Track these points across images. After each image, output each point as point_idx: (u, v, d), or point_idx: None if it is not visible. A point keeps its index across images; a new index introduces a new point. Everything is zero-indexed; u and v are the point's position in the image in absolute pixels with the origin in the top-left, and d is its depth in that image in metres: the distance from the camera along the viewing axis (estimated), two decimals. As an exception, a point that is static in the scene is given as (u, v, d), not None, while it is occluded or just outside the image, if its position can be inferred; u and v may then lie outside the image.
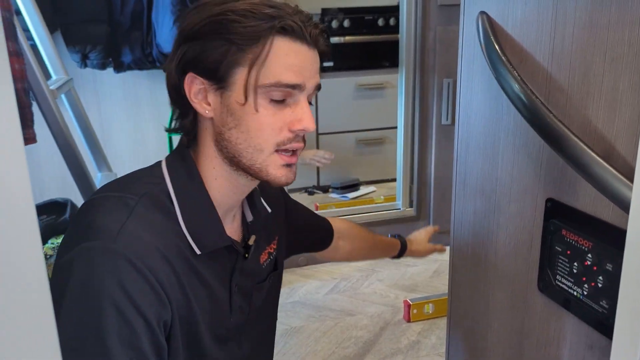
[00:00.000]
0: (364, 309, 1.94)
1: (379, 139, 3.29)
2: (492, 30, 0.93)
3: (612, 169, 0.69)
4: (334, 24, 3.05)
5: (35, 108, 1.09)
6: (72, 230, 0.73)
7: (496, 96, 0.96)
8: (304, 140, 0.76)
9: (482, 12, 0.97)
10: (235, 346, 0.85)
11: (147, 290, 0.66)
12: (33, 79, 1.09)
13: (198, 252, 0.74)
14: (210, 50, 0.71)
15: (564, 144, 0.75)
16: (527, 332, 0.96)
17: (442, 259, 2.19)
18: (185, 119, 0.77)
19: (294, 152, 0.75)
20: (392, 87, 3.04)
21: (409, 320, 1.86)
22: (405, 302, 1.89)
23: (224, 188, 0.78)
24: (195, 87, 0.73)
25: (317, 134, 3.23)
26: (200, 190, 0.76)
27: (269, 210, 0.92)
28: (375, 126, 3.28)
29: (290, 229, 1.05)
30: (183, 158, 0.77)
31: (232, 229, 0.83)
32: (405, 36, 2.20)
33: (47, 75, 1.40)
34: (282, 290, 2.18)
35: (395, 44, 2.32)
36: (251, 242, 0.85)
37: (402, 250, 1.39)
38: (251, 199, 0.87)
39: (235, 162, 0.74)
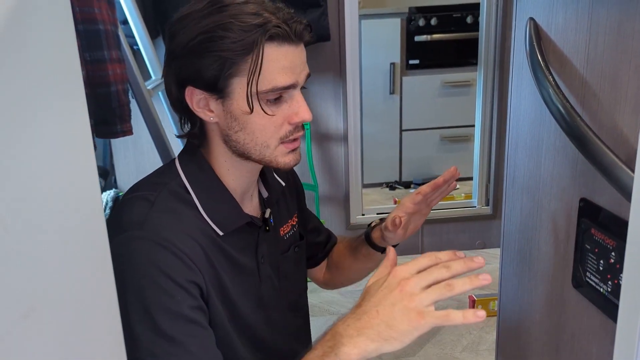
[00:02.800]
0: (430, 301, 2.00)
1: (464, 137, 3.28)
2: (536, 36, 0.97)
3: (630, 171, 0.72)
4: (421, 22, 3.09)
5: (134, 105, 1.29)
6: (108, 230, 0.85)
7: (540, 99, 1.00)
8: (303, 128, 0.84)
9: (531, 18, 1.01)
10: (272, 313, 0.94)
11: (175, 260, 0.75)
12: (133, 80, 1.28)
13: (221, 233, 0.83)
14: (205, 66, 0.75)
15: (589, 147, 0.79)
16: (563, 326, 1.00)
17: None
18: (194, 125, 0.84)
19: (296, 139, 0.83)
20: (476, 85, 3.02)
21: (473, 316, 1.89)
22: (470, 297, 1.92)
23: (237, 176, 0.86)
24: (196, 98, 0.79)
25: (401, 130, 3.29)
26: (213, 180, 0.84)
27: (283, 184, 1.00)
28: (460, 123, 3.27)
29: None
30: (193, 154, 0.85)
31: (252, 206, 0.91)
32: (485, 34, 2.21)
33: (148, 76, 1.62)
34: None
35: (482, 42, 2.33)
36: (267, 215, 0.92)
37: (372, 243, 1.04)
38: (263, 176, 0.95)
39: (245, 156, 0.83)
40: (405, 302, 0.66)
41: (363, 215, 2.42)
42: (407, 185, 3.34)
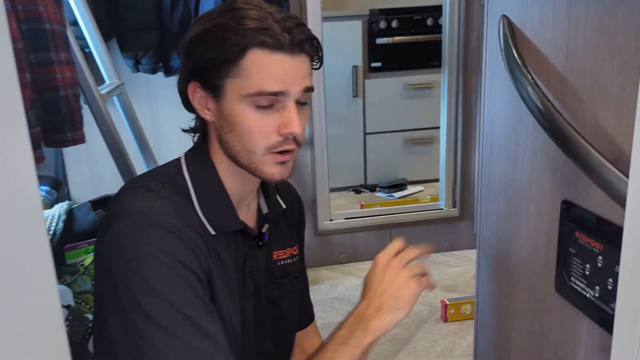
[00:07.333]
0: (401, 307, 1.96)
1: (427, 139, 3.28)
2: (511, 34, 0.94)
3: (618, 172, 0.69)
4: (382, 24, 3.07)
5: (86, 111, 1.20)
6: (106, 219, 0.81)
7: (517, 98, 0.97)
8: (297, 143, 0.80)
9: (504, 16, 0.98)
10: (252, 335, 0.89)
11: (184, 247, 0.74)
12: (85, 84, 1.19)
13: (213, 232, 0.81)
14: (202, 63, 0.78)
15: (573, 146, 0.76)
16: (546, 332, 0.97)
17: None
18: (196, 120, 0.87)
19: (287, 152, 0.80)
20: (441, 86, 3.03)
21: (445, 320, 1.87)
22: (442, 302, 1.90)
23: (233, 180, 0.84)
24: (197, 95, 0.82)
25: (365, 134, 3.26)
26: (213, 178, 0.83)
27: (284, 206, 0.97)
28: (423, 126, 3.27)
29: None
30: (199, 150, 0.86)
31: (247, 217, 0.88)
32: (448, 36, 2.20)
33: (101, 80, 1.52)
34: (322, 286, 2.23)
35: (444, 44, 2.32)
36: (264, 229, 0.90)
37: None
38: (267, 193, 0.93)
39: (235, 160, 0.81)
40: (400, 275, 0.83)
41: (331, 220, 2.37)
42: (372, 188, 3.32)
